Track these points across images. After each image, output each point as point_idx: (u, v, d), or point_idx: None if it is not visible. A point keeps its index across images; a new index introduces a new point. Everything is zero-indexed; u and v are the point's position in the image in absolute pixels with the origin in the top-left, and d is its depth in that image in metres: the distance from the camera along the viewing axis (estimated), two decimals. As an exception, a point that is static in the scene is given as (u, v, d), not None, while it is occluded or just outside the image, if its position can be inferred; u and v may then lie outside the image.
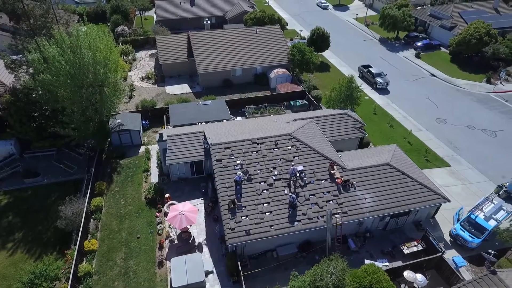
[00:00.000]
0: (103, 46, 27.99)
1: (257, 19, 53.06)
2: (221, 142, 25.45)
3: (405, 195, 24.68)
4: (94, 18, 61.90)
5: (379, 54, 55.97)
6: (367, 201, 24.17)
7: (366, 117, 39.01)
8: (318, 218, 22.96)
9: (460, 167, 32.81)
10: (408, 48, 58.24)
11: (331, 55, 54.70)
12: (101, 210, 26.56)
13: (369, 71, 46.69)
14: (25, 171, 29.80)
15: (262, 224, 22.37)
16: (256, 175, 24.24)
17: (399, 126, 38.41)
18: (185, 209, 23.85)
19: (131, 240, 24.55)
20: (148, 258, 23.42)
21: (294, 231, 22.45)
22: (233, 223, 22.14)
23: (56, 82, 25.92)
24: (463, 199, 29.00)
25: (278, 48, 45.27)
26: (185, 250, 23.77)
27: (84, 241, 23.63)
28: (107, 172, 30.11)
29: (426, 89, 46.06)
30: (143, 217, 26.18)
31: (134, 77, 44.96)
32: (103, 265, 22.95)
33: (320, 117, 31.91)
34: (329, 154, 25.99)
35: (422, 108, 41.91)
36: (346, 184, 24.49)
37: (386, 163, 26.00)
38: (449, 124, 39.24)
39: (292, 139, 26.19)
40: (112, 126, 31.85)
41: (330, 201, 23.74)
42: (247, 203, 23.06)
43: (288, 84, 41.77)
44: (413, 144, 35.45)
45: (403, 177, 25.49)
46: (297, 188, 23.96)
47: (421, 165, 32.33)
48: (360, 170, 25.51)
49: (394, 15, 57.18)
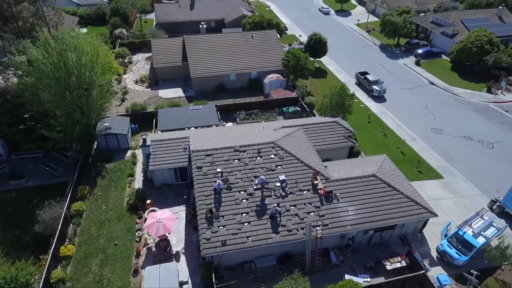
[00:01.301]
0: (90, 49, 27.83)
1: (255, 23, 52.80)
2: (202, 149, 25.02)
3: (390, 209, 23.90)
4: (95, 20, 62.76)
5: (379, 61, 55.19)
6: (350, 213, 23.46)
7: (360, 125, 38.30)
8: (298, 230, 22.32)
9: (453, 180, 31.86)
10: (408, 55, 57.36)
11: (329, 61, 54.08)
12: (82, 215, 26.26)
13: (365, 78, 45.96)
14: (10, 172, 29.72)
15: (239, 235, 21.80)
16: (236, 184, 23.72)
17: (393, 135, 37.57)
18: (163, 217, 23.42)
19: (109, 247, 24.18)
20: (124, 265, 23.01)
21: (272, 243, 21.84)
22: (210, 233, 21.63)
23: (39, 84, 25.83)
24: (454, 213, 28.08)
25: (274, 54, 44.83)
26: (162, 258, 23.29)
27: (61, 246, 23.31)
28: (91, 176, 29.86)
29: (424, 98, 45.14)
30: (123, 223, 25.81)
31: (128, 80, 44.91)
32: (77, 271, 22.59)
33: (309, 124, 31.31)
34: (314, 164, 25.37)
35: (418, 117, 41.02)
36: (329, 196, 23.83)
37: (372, 175, 25.27)
38: (445, 134, 38.30)
39: (276, 147, 25.64)
40: (99, 130, 31.67)
41: (311, 213, 23.09)
42: (225, 212, 22.54)
43: (281, 90, 41.27)
44: (406, 154, 34.60)
45: (389, 190, 24.73)
46: (278, 199, 23.37)
47: (413, 177, 31.55)
48: (345, 181, 24.82)
49: (394, 21, 56.43)
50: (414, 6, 72.27)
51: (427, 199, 28.93)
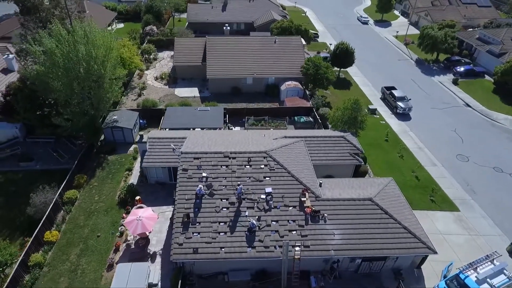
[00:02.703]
0: (102, 44, 28.59)
1: (282, 28, 51.73)
2: (191, 152, 24.55)
3: (382, 238, 21.78)
4: (133, 17, 65.35)
5: (411, 76, 51.65)
6: (336, 237, 21.69)
7: (375, 143, 35.86)
8: (276, 248, 21.02)
9: (471, 214, 28.57)
10: (446, 72, 53.11)
11: (356, 72, 51.58)
12: (74, 202, 26.91)
13: (391, 93, 43.09)
14: (21, 155, 31.36)
15: (213, 245, 20.97)
16: (220, 191, 22.93)
17: (410, 157, 34.64)
18: (143, 215, 23.28)
19: (91, 238, 24.49)
20: (101, 259, 23.12)
21: (246, 258, 20.77)
22: (183, 238, 21.04)
23: (50, 73, 26.93)
24: (463, 252, 25.05)
25: (295, 60, 43.52)
26: (138, 257, 23.12)
27: (46, 231, 23.95)
28: (92, 166, 30.65)
29: (455, 120, 41.33)
30: (110, 216, 26.07)
31: (149, 76, 45.99)
32: (56, 258, 23.07)
33: (314, 137, 29.75)
34: (306, 179, 23.87)
35: (443, 141, 37.56)
36: (316, 215, 22.23)
37: (368, 198, 23.24)
38: (471, 162, 34.62)
39: (268, 157, 24.49)
40: (107, 122, 32.51)
41: (293, 231, 21.66)
42: (203, 219, 21.83)
43: (297, 99, 39.87)
44: (420, 180, 31.66)
45: (384, 217, 22.57)
46: (260, 211, 22.23)
47: (424, 205, 28.85)
48: (336, 202, 23.06)
49: (434, 35, 52.58)
50: (462, 20, 67.11)
51: (435, 232, 26.36)
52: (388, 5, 73.03)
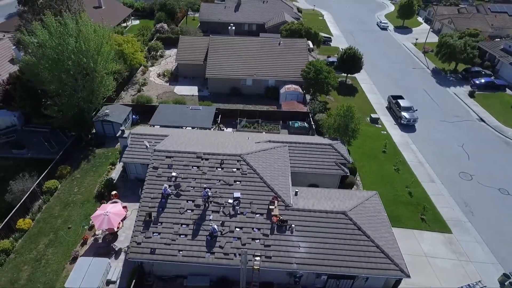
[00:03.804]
0: (93, 38, 28.89)
1: (292, 30, 50.63)
2: (164, 150, 24.14)
3: (351, 256, 20.38)
4: (148, 14, 66.46)
5: (424, 86, 48.98)
6: (301, 250, 20.53)
7: (372, 154, 34.10)
8: (235, 256, 20.17)
9: (464, 238, 26.38)
10: (463, 84, 49.96)
11: (365, 78, 49.59)
12: (53, 193, 27.27)
13: (397, 102, 40.93)
14: (14, 142, 32.30)
15: (172, 246, 20.44)
16: (187, 192, 22.36)
17: (407, 171, 32.58)
18: (111, 211, 23.15)
19: (62, 229, 24.65)
20: (67, 250, 23.19)
21: (203, 263, 20.06)
22: (142, 237, 20.64)
23: (40, 65, 27.51)
24: (447, 279, 23.11)
25: (298, 64, 42.30)
26: (103, 252, 22.99)
27: (20, 219, 24.33)
28: (78, 158, 31.06)
29: (464, 135, 38.61)
30: (84, 209, 26.18)
31: (153, 72, 46.35)
32: (25, 246, 23.37)
33: (298, 143, 28.59)
34: (278, 187, 22.84)
35: (447, 156, 35.11)
36: (283, 225, 21.16)
37: (342, 212, 21.87)
38: (475, 181, 32.11)
39: (241, 161, 23.65)
40: (99, 115, 32.89)
41: (256, 240, 20.72)
42: (165, 219, 21.34)
43: (294, 103, 38.71)
44: (414, 196, 29.66)
45: (357, 233, 21.13)
46: (225, 217, 21.45)
47: (412, 224, 27.02)
48: (307, 213, 21.86)
49: (452, 44, 49.59)
50: (489, 30, 63.06)
51: (418, 253, 24.66)
52: (410, 11, 70.00)
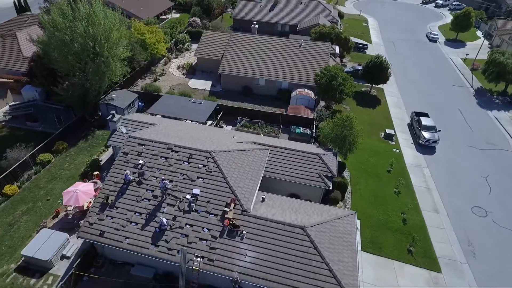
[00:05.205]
0: (103, 23, 30.15)
1: (321, 34, 48.57)
2: (138, 137, 24.28)
3: (299, 275, 18.65)
4: (190, 8, 68.42)
5: (461, 106, 43.87)
6: (246, 259, 19.25)
7: (374, 173, 31.29)
8: (178, 253, 19.53)
9: (455, 280, 22.92)
10: (510, 108, 43.81)
11: (393, 91, 45.81)
12: (45, 165, 28.95)
13: (419, 120, 37.04)
14: (29, 115, 35.00)
15: (120, 232, 20.41)
16: (149, 181, 22.22)
17: (408, 196, 29.26)
18: (82, 189, 23.87)
19: (41, 200, 26.02)
20: (39, 220, 24.39)
21: (145, 254, 19.74)
22: (95, 218, 20.91)
23: (51, 45, 29.42)
24: (417, 322, 20.15)
25: (316, 68, 40.19)
26: (69, 227, 23.80)
27: (8, 185, 26.17)
28: (78, 137, 32.70)
29: (492, 166, 33.70)
30: (68, 184, 27.21)
31: (174, 64, 47.46)
32: (4, 211, 25.03)
33: (283, 148, 27.04)
34: (241, 190, 21.72)
35: (464, 187, 30.90)
36: (234, 230, 20.06)
37: (300, 226, 20.13)
38: (489, 219, 27.82)
39: (210, 158, 22.91)
40: (106, 98, 34.37)
41: (203, 241, 19.89)
42: (121, 205, 21.40)
43: (301, 107, 36.91)
44: (407, 225, 26.49)
45: (311, 252, 19.29)
46: (179, 211, 20.91)
47: (395, 254, 24.21)
48: (263, 222, 20.47)
49: (502, 62, 43.79)
50: (558, 50, 54.54)
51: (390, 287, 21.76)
52: (466, 23, 63.38)
